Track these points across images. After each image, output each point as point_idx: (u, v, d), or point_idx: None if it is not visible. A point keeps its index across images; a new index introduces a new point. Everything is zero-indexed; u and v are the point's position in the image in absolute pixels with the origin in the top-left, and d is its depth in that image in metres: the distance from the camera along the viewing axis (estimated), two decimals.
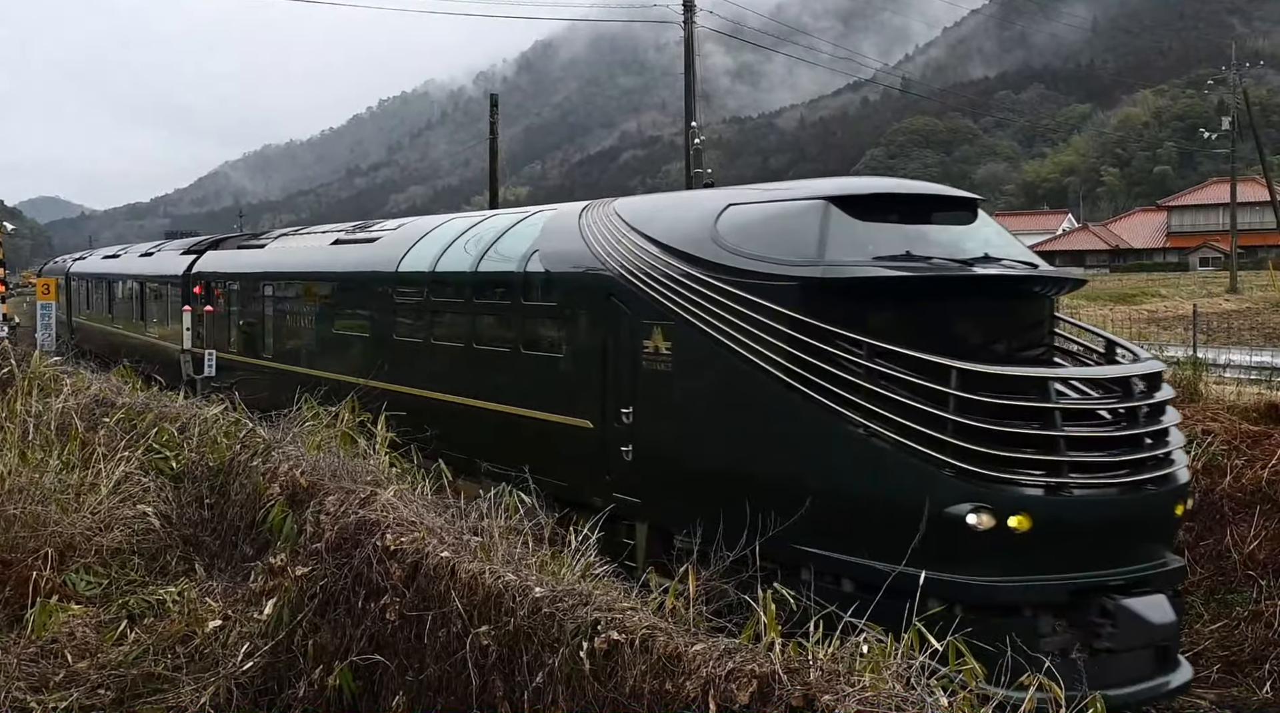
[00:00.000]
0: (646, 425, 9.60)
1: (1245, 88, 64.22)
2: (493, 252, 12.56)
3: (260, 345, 19.32)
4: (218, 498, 9.71)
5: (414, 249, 14.39)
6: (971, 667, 5.02)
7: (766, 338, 8.38)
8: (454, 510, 7.69)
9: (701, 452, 9.06)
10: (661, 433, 9.45)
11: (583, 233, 10.96)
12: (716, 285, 8.87)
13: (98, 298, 34.16)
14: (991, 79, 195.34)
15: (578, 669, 5.49)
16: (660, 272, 9.45)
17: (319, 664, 7.00)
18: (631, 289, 9.74)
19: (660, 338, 9.37)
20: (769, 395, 8.38)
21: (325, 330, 16.82)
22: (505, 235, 12.61)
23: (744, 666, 4.91)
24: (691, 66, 32.49)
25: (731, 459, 8.78)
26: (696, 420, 9.15)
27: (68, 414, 11.20)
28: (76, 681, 7.12)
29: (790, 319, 8.25)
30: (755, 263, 8.77)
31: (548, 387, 11.10)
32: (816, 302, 8.22)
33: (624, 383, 9.81)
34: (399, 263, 14.45)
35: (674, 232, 9.79)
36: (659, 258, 9.57)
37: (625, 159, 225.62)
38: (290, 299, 18.44)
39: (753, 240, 8.99)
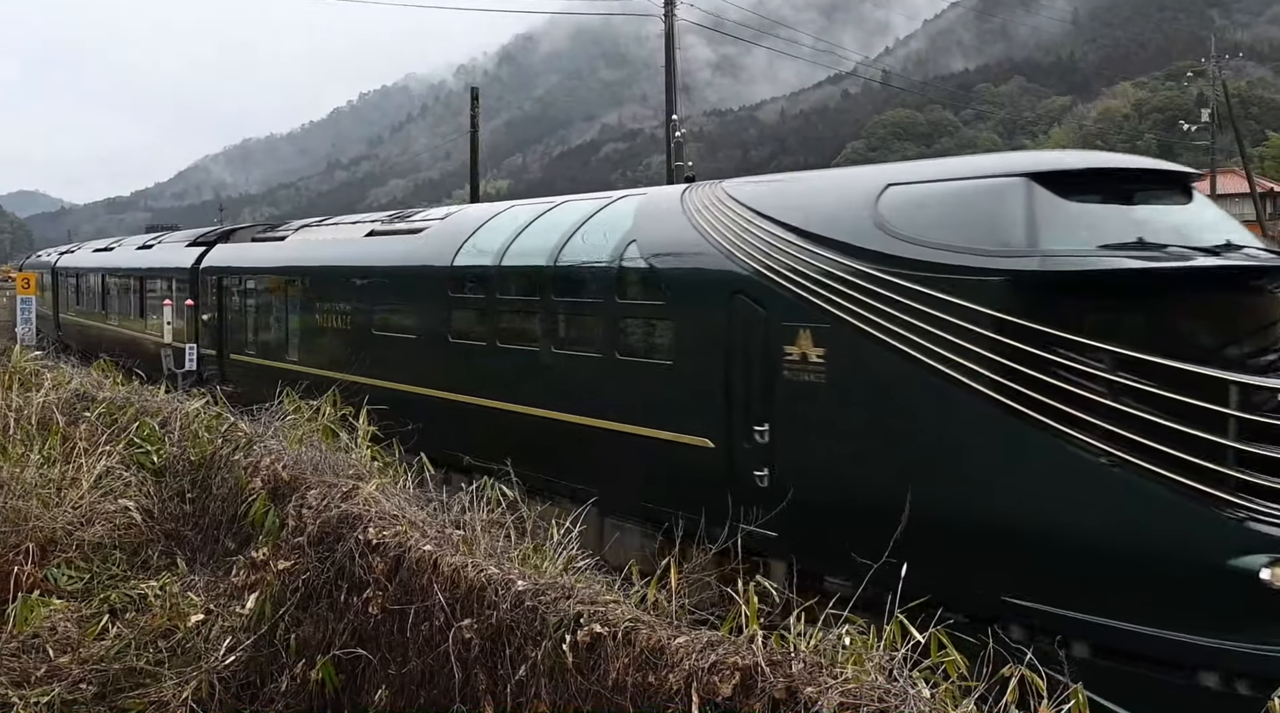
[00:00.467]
0: (789, 446, 8.33)
1: (1225, 80, 64.71)
2: (574, 243, 11.16)
3: (285, 348, 17.68)
4: (199, 492, 9.67)
5: (472, 241, 13.03)
6: (954, 658, 5.01)
7: (959, 343, 7.12)
8: (436, 504, 7.69)
9: (868, 479, 7.81)
10: (811, 455, 8.18)
11: (693, 220, 9.70)
12: (886, 280, 7.63)
13: (89, 294, 32.40)
14: (972, 71, 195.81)
15: (560, 662, 5.50)
16: (807, 265, 8.22)
17: (301, 658, 7.00)
18: (767, 285, 8.51)
19: (808, 343, 8.13)
20: (963, 413, 7.16)
21: (363, 332, 15.15)
22: (586, 225, 11.25)
23: (726, 658, 4.92)
24: (672, 60, 32.50)
25: (909, 490, 7.33)
26: (861, 442, 7.87)
27: (49, 409, 11.13)
28: (58, 675, 7.11)
29: (995, 321, 7.01)
30: (940, 253, 7.45)
31: (651, 398, 9.78)
32: (1029, 299, 7.00)
33: (757, 396, 8.57)
34: (454, 256, 13.07)
35: (818, 218, 8.48)
36: (802, 248, 8.32)
37: (606, 152, 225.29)
38: (321, 297, 16.68)
39: (934, 226, 7.68)
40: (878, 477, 7.68)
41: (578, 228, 11.27)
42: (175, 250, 24.67)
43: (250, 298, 19.56)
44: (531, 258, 11.63)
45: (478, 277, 12.54)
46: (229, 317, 20.48)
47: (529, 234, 12.00)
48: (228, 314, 20.54)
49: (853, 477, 7.89)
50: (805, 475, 8.17)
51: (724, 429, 8.83)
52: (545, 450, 10.86)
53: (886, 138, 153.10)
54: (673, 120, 32.39)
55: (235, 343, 19.80)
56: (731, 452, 8.76)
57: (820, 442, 8.10)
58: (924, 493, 7.25)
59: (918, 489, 7.26)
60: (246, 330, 19.50)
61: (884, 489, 7.51)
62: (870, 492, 7.70)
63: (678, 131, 32.41)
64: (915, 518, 7.12)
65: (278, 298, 18.23)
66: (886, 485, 7.50)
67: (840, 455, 7.96)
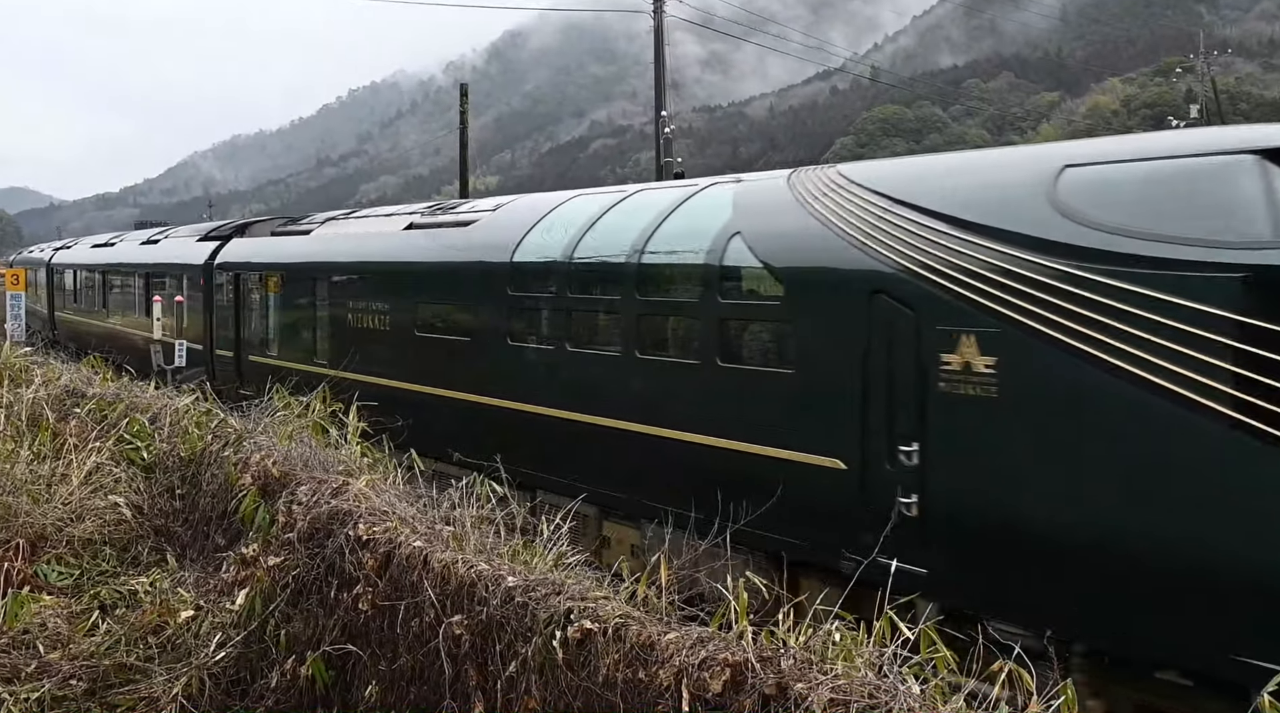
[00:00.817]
0: (946, 469, 7.34)
1: (1213, 76, 64.91)
2: (661, 236, 10.16)
3: (313, 350, 16.39)
4: (189, 488, 9.67)
5: (533, 234, 11.96)
6: (943, 654, 5.01)
7: (1184, 351, 6.18)
8: (426, 500, 7.71)
9: (1052, 510, 6.79)
10: (975, 480, 7.17)
11: (811, 210, 8.67)
12: (1079, 277, 6.65)
13: (88, 291, 30.92)
14: (960, 67, 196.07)
15: (551, 659, 5.52)
16: (969, 259, 7.23)
17: (291, 654, 7.01)
18: (916, 283, 7.52)
19: (972, 350, 7.14)
20: (1189, 434, 6.17)
21: (404, 333, 14.00)
22: (673, 216, 10.28)
23: (716, 654, 4.94)
24: (661, 56, 32.51)
25: (1108, 524, 6.47)
26: (1043, 466, 6.83)
27: (39, 405, 11.12)
28: (48, 671, 7.12)
29: (1234, 325, 6.03)
30: (1150, 246, 6.45)
31: (765, 412, 8.73)
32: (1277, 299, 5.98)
33: (904, 411, 7.58)
34: (515, 250, 11.98)
35: (978, 204, 7.48)
36: (960, 240, 7.34)
37: (595, 148, 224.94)
38: (355, 296, 15.45)
39: (1140, 214, 6.65)
40: (1066, 508, 6.67)
41: (662, 220, 10.29)
42: (185, 245, 23.39)
43: (272, 296, 18.20)
44: (610, 253, 10.63)
45: (544, 273, 11.47)
46: (247, 316, 19.16)
47: (603, 227, 11.03)
48: (246, 313, 19.20)
49: (1032, 507, 6.82)
50: (967, 503, 7.15)
51: (858, 448, 7.84)
52: (628, 467, 9.90)
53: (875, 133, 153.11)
54: (662, 116, 32.42)
55: (254, 344, 18.62)
56: (868, 474, 7.76)
57: (988, 465, 7.06)
58: (1130, 528, 6.35)
59: (1121, 524, 6.38)
60: (268, 331, 18.27)
61: (1074, 522, 6.60)
62: (1054, 525, 6.70)
63: (667, 128, 32.46)
64: (1116, 557, 6.34)
65: (304, 296, 16.99)
66: (1077, 518, 6.59)
67: (1015, 481, 6.88)
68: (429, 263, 13.80)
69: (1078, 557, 6.54)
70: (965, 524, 7.21)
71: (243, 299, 19.24)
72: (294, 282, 17.47)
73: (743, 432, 8.85)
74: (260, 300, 18.66)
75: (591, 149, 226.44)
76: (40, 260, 39.16)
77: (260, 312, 18.67)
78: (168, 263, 23.57)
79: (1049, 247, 6.87)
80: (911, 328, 7.55)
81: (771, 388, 8.70)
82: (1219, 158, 6.60)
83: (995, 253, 7.09)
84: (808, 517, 8.22)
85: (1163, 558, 6.25)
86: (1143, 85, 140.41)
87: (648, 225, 10.39)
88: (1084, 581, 6.51)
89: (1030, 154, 8.18)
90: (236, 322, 19.34)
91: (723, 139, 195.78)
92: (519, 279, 11.85)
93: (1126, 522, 6.39)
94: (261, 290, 18.57)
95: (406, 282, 14.24)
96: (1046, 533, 6.77)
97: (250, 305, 19.08)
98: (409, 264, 14.28)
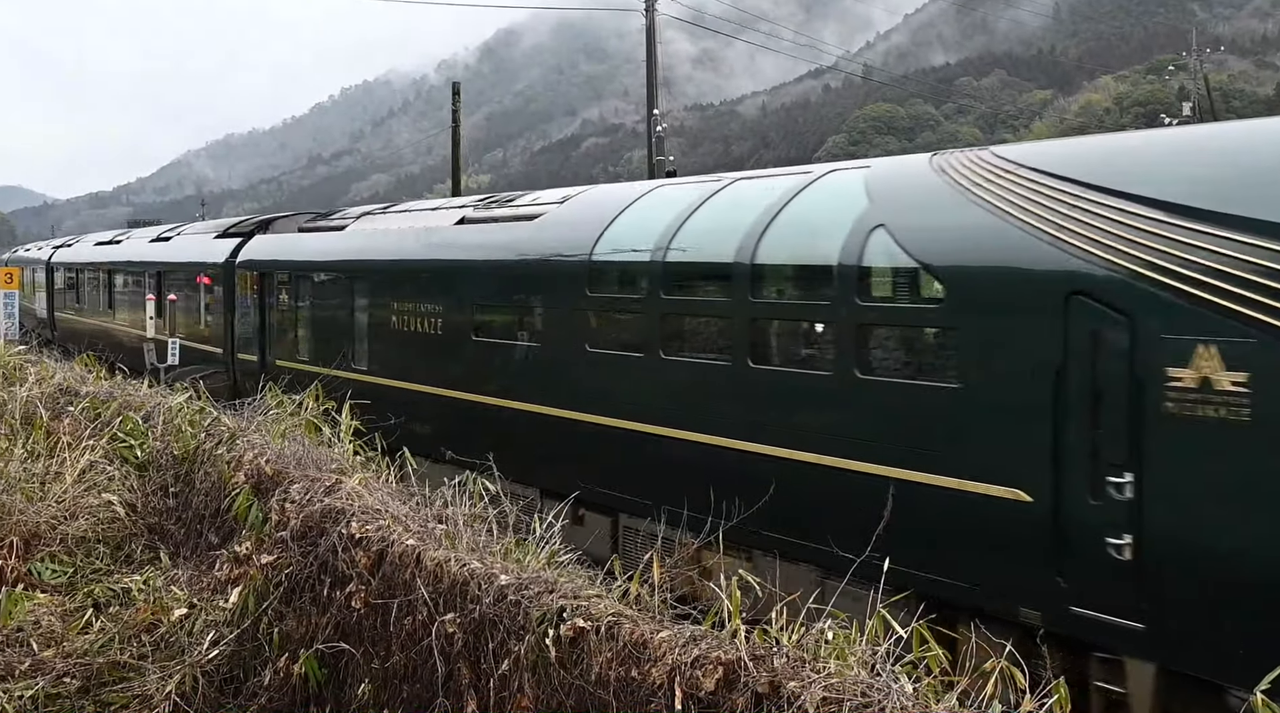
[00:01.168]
0: (1174, 505, 6.27)
1: (1206, 73, 65.07)
2: (778, 230, 9.01)
3: (351, 355, 15.08)
4: (183, 486, 9.69)
5: (615, 229, 10.82)
6: (936, 653, 5.01)
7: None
8: (418, 499, 7.72)
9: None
10: (1217, 521, 6.09)
11: (976, 198, 7.58)
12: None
13: (92, 291, 29.37)
14: (953, 65, 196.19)
15: (543, 657, 5.54)
16: (1210, 256, 6.18)
17: (284, 652, 7.03)
18: (1132, 284, 6.47)
19: (1214, 364, 6.08)
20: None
21: (458, 338, 12.88)
22: (790, 207, 9.12)
23: (709, 653, 4.95)
24: (653, 55, 32.53)
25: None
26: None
27: (32, 403, 11.13)
28: (42, 669, 7.13)
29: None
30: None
31: (919, 432, 7.62)
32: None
33: (1114, 435, 6.52)
34: (593, 247, 10.84)
35: (1226, 192, 6.35)
36: (1198, 233, 6.24)
37: (587, 146, 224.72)
38: (401, 297, 14.16)
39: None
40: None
41: (777, 212, 9.12)
42: (202, 243, 22.01)
43: (303, 297, 16.86)
44: (715, 250, 9.45)
45: (631, 272, 10.35)
46: (274, 318, 17.77)
47: (701, 221, 9.90)
48: (273, 315, 17.84)
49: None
50: (1203, 546, 6.12)
51: (1049, 478, 6.79)
52: (733, 491, 8.52)
53: (867, 132, 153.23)
54: (654, 115, 32.45)
55: (283, 348, 17.35)
56: (1063, 508, 6.73)
57: (1234, 502, 6.02)
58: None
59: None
60: (298, 334, 16.99)
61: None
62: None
63: (659, 126, 32.48)
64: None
65: (340, 297, 15.74)
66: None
67: (1273, 524, 5.84)
68: (488, 261, 12.56)
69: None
70: (1199, 571, 6.17)
71: (270, 300, 17.94)
72: (328, 281, 16.32)
73: (889, 455, 7.74)
74: (289, 301, 17.34)
75: (584, 147, 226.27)
76: (38, 259, 38.04)
77: (289, 313, 17.38)
78: (185, 262, 22.13)
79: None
80: (1125, 336, 6.49)
81: (928, 405, 7.58)
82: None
83: (1248, 248, 6.02)
84: (977, 555, 7.20)
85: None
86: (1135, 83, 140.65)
87: (759, 218, 9.21)
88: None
89: (1263, 128, 7.05)
90: (261, 324, 18.08)
91: (715, 137, 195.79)
92: (599, 279, 10.74)
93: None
94: (291, 290, 17.30)
95: (462, 281, 12.97)
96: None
97: (279, 307, 17.73)
98: (464, 263, 13.00)
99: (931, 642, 5.07)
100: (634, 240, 10.43)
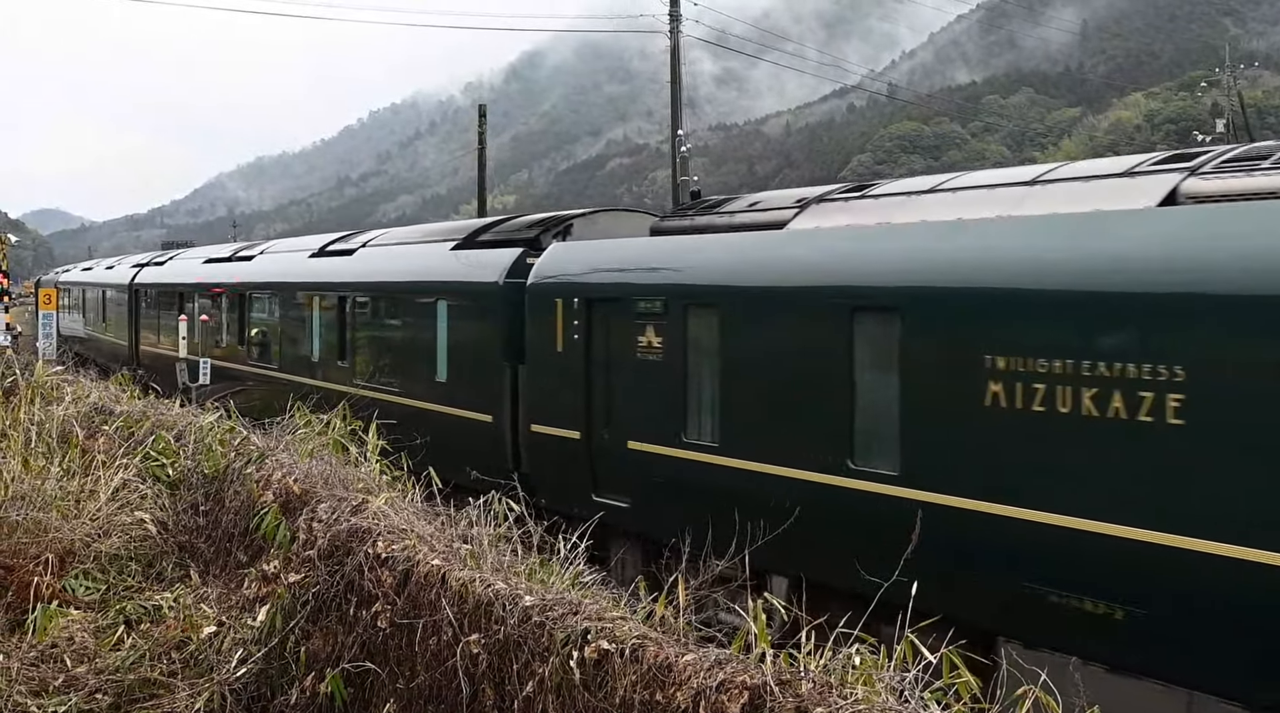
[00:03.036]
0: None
1: (1240, 90, 64.52)
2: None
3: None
4: (213, 505, 9.80)
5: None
6: (966, 679, 4.93)
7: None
8: (444, 519, 7.77)
9: None
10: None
11: None
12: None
13: (224, 321, 22.01)
14: (979, 83, 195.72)
15: (568, 679, 5.54)
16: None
17: (311, 671, 7.07)
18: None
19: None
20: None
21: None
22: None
23: (735, 677, 4.92)
24: (677, 76, 32.71)
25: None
26: None
27: (69, 422, 11.32)
28: (75, 685, 7.23)
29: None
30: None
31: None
32: None
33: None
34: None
35: None
36: None
37: (611, 167, 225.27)
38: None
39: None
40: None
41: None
42: (433, 255, 15.18)
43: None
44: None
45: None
46: (626, 378, 11.01)
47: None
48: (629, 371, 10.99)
49: None
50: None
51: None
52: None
53: (893, 150, 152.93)
54: (678, 135, 32.57)
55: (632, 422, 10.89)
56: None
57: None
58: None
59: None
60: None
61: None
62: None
63: (683, 146, 32.59)
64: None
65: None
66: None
67: None
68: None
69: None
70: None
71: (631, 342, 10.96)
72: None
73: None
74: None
75: (608, 168, 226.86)
76: (111, 281, 31.03)
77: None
78: (428, 281, 14.92)
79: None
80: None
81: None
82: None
83: None
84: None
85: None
86: (1166, 100, 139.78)
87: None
88: None
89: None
90: (609, 385, 11.22)
91: (739, 157, 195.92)
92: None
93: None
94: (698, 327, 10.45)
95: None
96: None
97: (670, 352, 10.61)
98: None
99: (962, 668, 5.00)
100: (972, 261, 8.16)
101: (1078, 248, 7.36)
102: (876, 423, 8.44)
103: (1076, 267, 7.28)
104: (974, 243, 8.15)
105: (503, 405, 12.76)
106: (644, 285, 11.00)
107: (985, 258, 7.95)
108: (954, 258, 8.17)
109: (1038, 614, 7.12)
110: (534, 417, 12.24)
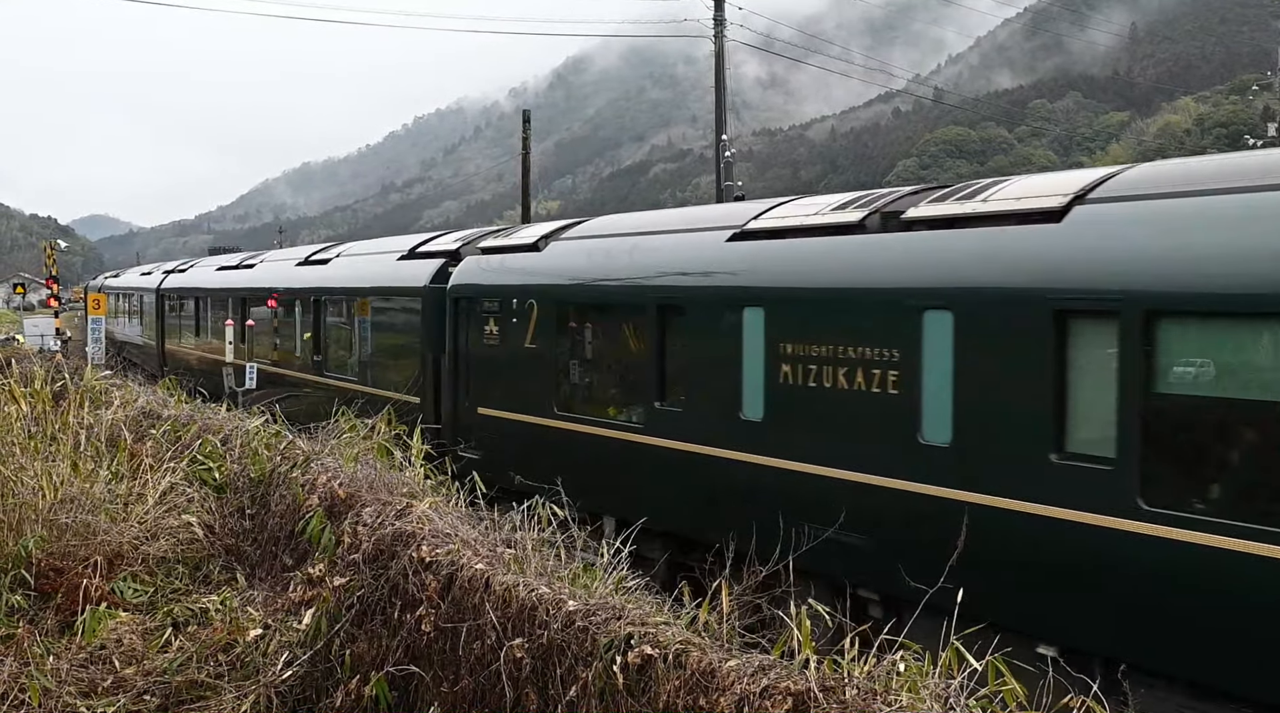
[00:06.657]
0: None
1: None
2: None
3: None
4: (258, 509, 9.89)
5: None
6: (1012, 687, 4.87)
7: None
8: (488, 523, 7.79)
9: None
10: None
11: None
12: None
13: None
14: (1026, 88, 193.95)
15: (611, 684, 5.53)
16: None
17: (356, 674, 7.10)
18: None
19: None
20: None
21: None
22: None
23: (778, 683, 4.89)
24: (722, 80, 32.59)
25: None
26: None
27: (117, 426, 11.45)
28: (124, 687, 7.31)
29: None
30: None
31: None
32: None
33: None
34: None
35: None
36: None
37: (655, 172, 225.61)
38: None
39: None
40: None
41: None
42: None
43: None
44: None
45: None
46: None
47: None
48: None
49: None
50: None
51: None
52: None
53: (939, 155, 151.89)
54: (723, 140, 32.47)
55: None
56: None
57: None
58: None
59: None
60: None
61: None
62: None
63: (728, 151, 32.47)
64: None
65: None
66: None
67: None
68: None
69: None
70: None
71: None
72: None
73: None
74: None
75: (652, 173, 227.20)
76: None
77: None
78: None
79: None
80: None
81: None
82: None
83: None
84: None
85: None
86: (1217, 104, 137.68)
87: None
88: None
89: None
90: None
91: (783, 162, 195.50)
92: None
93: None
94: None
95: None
96: None
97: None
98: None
99: (1008, 675, 4.95)
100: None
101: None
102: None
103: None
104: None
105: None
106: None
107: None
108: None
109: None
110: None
